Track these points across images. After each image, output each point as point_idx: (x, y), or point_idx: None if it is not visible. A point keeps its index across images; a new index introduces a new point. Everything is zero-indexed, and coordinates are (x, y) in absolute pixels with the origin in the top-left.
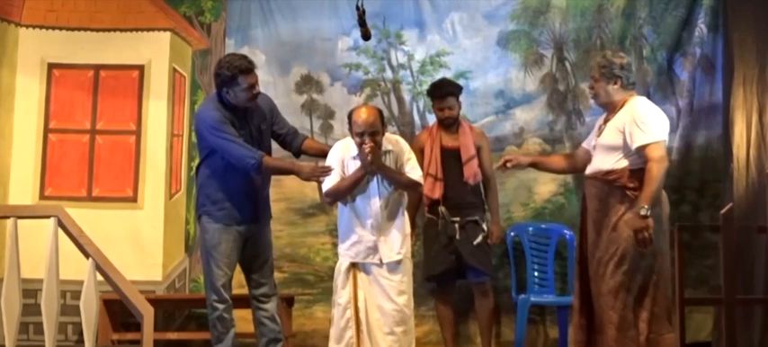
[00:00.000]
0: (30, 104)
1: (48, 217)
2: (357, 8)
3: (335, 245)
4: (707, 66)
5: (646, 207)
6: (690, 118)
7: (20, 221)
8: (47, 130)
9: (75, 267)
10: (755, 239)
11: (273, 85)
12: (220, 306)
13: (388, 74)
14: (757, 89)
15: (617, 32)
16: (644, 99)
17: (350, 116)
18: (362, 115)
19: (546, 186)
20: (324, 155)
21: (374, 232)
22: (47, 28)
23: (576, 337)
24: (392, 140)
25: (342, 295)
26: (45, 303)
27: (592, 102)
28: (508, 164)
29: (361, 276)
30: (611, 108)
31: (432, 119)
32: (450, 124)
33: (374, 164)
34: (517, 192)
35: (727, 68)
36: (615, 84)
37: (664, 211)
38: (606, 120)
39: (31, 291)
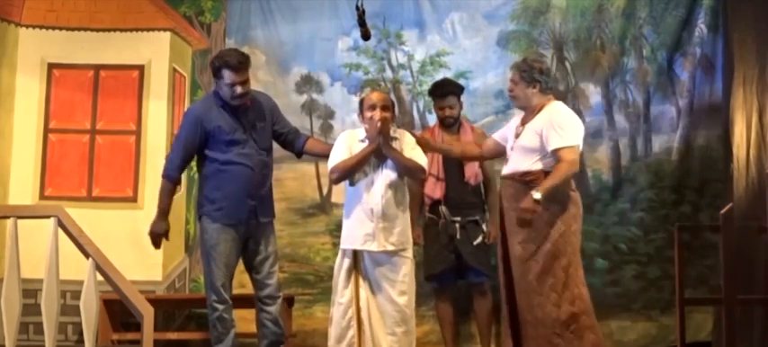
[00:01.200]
0: (30, 104)
1: (48, 217)
2: (357, 8)
3: (335, 245)
4: (707, 66)
5: (541, 193)
6: (690, 118)
7: (20, 221)
8: (47, 130)
9: (75, 267)
10: (755, 239)
11: (273, 85)
12: (220, 307)
13: (388, 74)
14: (757, 89)
15: (617, 32)
16: (561, 104)
17: (361, 101)
18: (375, 93)
19: None
20: (326, 155)
21: (374, 218)
22: (47, 28)
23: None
24: (398, 131)
25: (344, 294)
26: (45, 303)
27: (592, 101)
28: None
29: (362, 275)
30: (529, 111)
31: (432, 119)
32: (450, 124)
33: (383, 133)
34: None
35: (727, 68)
36: (534, 87)
37: (579, 211)
38: (523, 123)
39: (31, 291)
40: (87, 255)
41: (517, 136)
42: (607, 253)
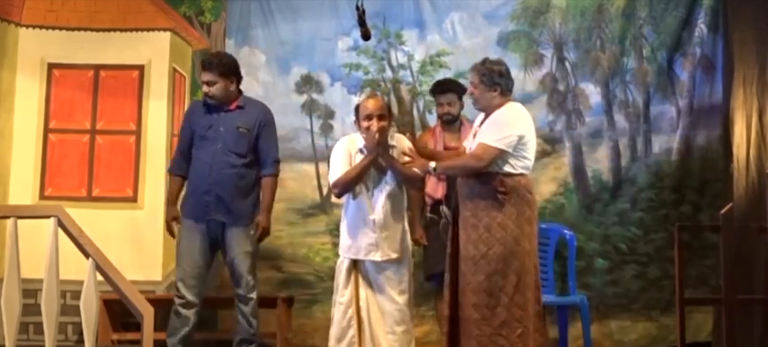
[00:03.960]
0: (30, 104)
1: (48, 217)
2: (357, 8)
3: (335, 245)
4: (707, 66)
5: (435, 166)
6: (690, 118)
7: (20, 221)
8: (47, 130)
9: (76, 267)
10: (755, 239)
11: (273, 85)
12: (177, 301)
13: (388, 74)
14: (757, 89)
15: (617, 32)
16: (515, 105)
17: (357, 108)
18: (371, 101)
19: (546, 186)
20: (261, 205)
21: (376, 229)
22: (47, 28)
23: (444, 328)
24: (396, 137)
25: (344, 294)
26: (45, 303)
27: (592, 101)
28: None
29: (362, 275)
30: (489, 112)
31: (432, 119)
32: (449, 121)
33: (381, 144)
34: None
35: (727, 68)
36: (494, 90)
37: (534, 214)
38: (481, 124)
39: (31, 291)
40: (87, 255)
41: (475, 136)
42: (607, 253)
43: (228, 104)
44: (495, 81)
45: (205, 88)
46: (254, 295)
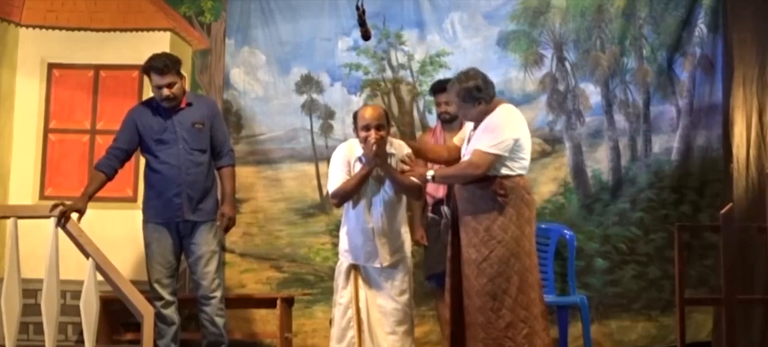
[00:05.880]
0: (30, 104)
1: (48, 217)
2: (357, 8)
3: (335, 245)
4: (707, 66)
5: (433, 174)
6: (690, 118)
7: (20, 221)
8: (47, 130)
9: (76, 267)
10: (755, 239)
11: (273, 85)
12: (157, 304)
13: (388, 74)
14: (757, 89)
15: (617, 32)
16: (507, 107)
17: (355, 116)
18: (369, 110)
19: (546, 186)
20: (222, 196)
21: (374, 237)
22: (47, 28)
23: (444, 332)
24: (395, 144)
25: (343, 294)
26: (45, 303)
27: (591, 101)
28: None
29: (362, 276)
30: (480, 119)
31: (432, 119)
32: (446, 120)
33: (379, 156)
34: None
35: (727, 68)
36: (478, 104)
37: (533, 214)
38: (475, 127)
39: (31, 291)
40: (87, 255)
41: (469, 140)
42: (607, 253)
43: (179, 103)
44: (474, 97)
45: (166, 91)
46: (217, 294)
